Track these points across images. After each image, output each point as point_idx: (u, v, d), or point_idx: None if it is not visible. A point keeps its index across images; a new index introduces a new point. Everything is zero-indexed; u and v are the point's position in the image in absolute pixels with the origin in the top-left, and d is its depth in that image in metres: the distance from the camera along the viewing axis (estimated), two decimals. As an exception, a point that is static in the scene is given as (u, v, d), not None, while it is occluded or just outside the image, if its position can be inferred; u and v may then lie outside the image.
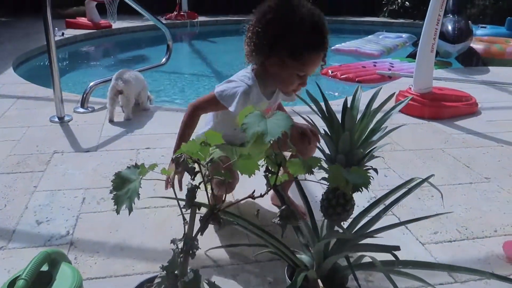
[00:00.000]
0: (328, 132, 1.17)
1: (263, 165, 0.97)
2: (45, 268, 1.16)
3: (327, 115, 1.18)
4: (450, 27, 5.15)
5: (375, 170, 1.24)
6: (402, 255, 1.15)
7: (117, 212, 0.99)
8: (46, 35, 2.93)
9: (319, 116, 1.22)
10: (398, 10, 11.70)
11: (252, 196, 0.99)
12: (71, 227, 1.84)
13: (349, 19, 11.23)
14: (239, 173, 1.12)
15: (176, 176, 1.56)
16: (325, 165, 0.95)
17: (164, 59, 4.33)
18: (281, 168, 0.94)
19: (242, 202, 1.11)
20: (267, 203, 1.99)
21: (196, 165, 0.99)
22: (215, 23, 10.15)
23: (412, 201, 2.13)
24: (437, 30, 3.28)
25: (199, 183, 1.01)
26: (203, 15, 9.97)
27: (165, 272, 1.05)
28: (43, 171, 2.33)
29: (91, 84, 3.44)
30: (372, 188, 2.16)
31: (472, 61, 5.54)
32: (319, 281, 1.27)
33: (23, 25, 7.66)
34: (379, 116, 1.24)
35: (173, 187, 1.05)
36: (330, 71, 5.21)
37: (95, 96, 3.51)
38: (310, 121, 1.26)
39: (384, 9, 11.95)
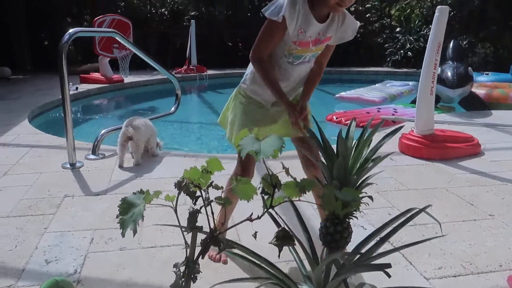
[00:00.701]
0: (324, 160, 1.24)
1: (259, 188, 1.03)
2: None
3: (322, 144, 1.25)
4: (449, 73, 5.31)
5: (370, 197, 1.29)
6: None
7: (122, 235, 1.04)
8: (61, 85, 3.10)
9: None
10: (401, 60, 12.05)
11: (250, 219, 1.04)
12: (79, 265, 1.88)
13: (354, 69, 11.57)
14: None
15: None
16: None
17: (173, 108, 4.49)
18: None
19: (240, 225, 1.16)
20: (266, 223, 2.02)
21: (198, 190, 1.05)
22: (223, 76, 10.51)
23: (417, 237, 2.14)
24: (435, 73, 3.40)
25: (200, 208, 1.07)
26: (211, 69, 10.34)
27: (168, 296, 1.09)
28: (54, 213, 2.39)
29: (103, 131, 3.57)
30: (375, 225, 2.20)
31: (475, 105, 5.64)
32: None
33: (38, 82, 8.02)
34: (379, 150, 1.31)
35: (175, 212, 1.11)
36: (334, 117, 5.34)
37: (106, 144, 3.63)
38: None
39: (388, 60, 12.31)
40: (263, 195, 1.01)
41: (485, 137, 3.95)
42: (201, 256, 1.06)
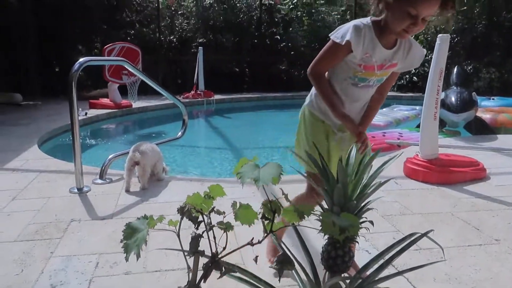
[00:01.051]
0: (325, 186, 1.26)
1: (259, 213, 1.06)
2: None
3: (322, 170, 1.28)
4: (453, 98, 5.34)
5: (371, 222, 1.31)
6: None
7: (126, 259, 1.06)
8: (71, 112, 3.18)
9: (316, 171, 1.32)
10: (406, 84, 12.13)
11: (251, 243, 1.06)
12: (84, 290, 1.90)
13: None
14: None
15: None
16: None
17: (180, 133, 4.55)
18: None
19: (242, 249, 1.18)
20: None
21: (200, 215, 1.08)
22: (230, 101, 10.63)
23: (422, 261, 2.12)
24: (438, 99, 3.44)
25: (202, 232, 1.10)
26: (218, 94, 10.48)
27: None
28: (60, 238, 2.42)
29: (110, 156, 3.63)
30: (380, 249, 2.20)
31: (480, 130, 5.65)
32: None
33: (48, 108, 8.15)
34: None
35: (178, 237, 1.13)
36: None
37: (114, 168, 3.68)
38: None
39: (393, 84, 12.38)
40: (263, 220, 1.03)
41: (490, 162, 3.95)
42: (203, 280, 1.08)
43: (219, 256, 1.06)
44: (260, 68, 12.54)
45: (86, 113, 7.29)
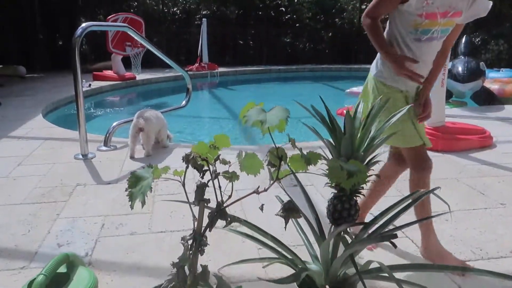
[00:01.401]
0: (331, 139, 1.24)
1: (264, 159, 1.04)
2: (63, 270, 1.22)
3: (330, 123, 1.25)
4: (460, 68, 5.26)
5: (378, 175, 1.29)
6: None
7: (131, 207, 1.05)
8: (74, 77, 3.15)
9: (322, 124, 1.30)
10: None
11: (256, 191, 1.05)
12: (90, 249, 1.91)
13: (365, 66, 11.50)
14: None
15: None
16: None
17: (184, 102, 4.52)
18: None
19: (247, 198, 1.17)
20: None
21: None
22: (235, 73, 10.54)
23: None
24: (446, 65, 3.37)
25: (208, 181, 1.09)
26: (222, 66, 10.39)
27: (175, 269, 1.11)
28: (66, 201, 2.43)
29: (114, 124, 3.61)
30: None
31: (487, 100, 5.58)
32: (327, 287, 1.29)
33: (53, 80, 8.12)
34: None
35: (183, 186, 1.12)
36: (345, 111, 5.31)
37: (118, 136, 3.67)
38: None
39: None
40: (269, 167, 1.02)
41: (497, 130, 3.91)
42: (208, 229, 1.08)
43: (225, 205, 1.05)
44: (264, 40, 12.38)
45: (90, 85, 7.25)
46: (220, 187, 1.08)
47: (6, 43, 9.49)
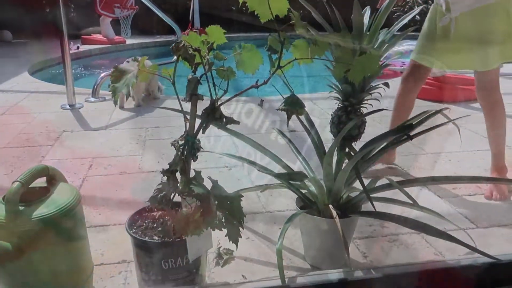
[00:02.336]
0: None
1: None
2: (43, 184, 1.12)
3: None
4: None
5: (387, 84, 1.20)
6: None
7: (115, 103, 0.95)
8: (61, 32, 2.98)
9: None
10: (408, 23, 11.75)
11: (256, 86, 0.94)
12: (77, 186, 1.80)
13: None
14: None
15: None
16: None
17: (175, 57, 4.35)
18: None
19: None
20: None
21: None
22: (228, 39, 10.29)
23: (430, 164, 2.06)
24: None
25: (200, 76, 0.97)
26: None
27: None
28: (52, 145, 2.31)
29: (103, 74, 3.47)
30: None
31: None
32: (330, 206, 1.20)
33: (39, 45, 7.85)
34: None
35: (173, 84, 1.01)
36: (341, 72, 5.19)
37: (107, 89, 3.52)
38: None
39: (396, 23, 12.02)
40: (269, 55, 0.90)
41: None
42: (201, 131, 0.97)
43: (219, 103, 0.94)
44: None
45: (78, 47, 7.03)
46: (214, 84, 0.96)
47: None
